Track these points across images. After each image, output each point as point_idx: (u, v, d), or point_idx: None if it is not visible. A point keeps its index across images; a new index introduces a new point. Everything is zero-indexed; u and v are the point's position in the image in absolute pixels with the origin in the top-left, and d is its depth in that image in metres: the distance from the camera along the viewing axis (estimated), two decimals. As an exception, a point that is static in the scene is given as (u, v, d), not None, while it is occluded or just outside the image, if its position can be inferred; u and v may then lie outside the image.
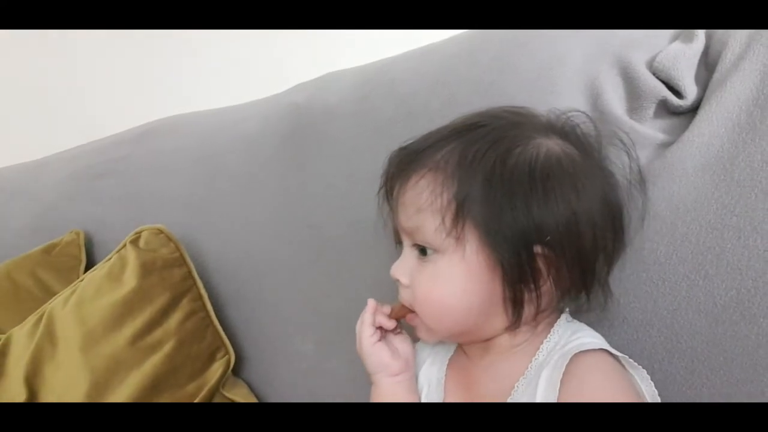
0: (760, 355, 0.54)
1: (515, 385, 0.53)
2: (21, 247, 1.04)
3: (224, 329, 0.87)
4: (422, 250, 0.54)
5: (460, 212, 0.51)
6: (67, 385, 0.81)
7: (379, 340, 0.61)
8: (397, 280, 0.57)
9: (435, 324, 0.55)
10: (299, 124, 0.88)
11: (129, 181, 1.04)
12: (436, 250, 0.53)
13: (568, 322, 0.57)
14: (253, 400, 0.86)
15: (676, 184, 0.59)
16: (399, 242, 0.59)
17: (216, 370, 0.84)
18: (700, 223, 0.58)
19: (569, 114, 0.58)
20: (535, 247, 0.51)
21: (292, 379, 0.84)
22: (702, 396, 0.57)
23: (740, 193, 0.56)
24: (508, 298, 0.52)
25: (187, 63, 1.45)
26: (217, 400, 0.84)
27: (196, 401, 0.81)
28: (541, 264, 0.51)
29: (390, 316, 0.60)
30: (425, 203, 0.53)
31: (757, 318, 0.54)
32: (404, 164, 0.56)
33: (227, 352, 0.86)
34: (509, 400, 0.52)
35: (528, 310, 0.53)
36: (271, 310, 0.87)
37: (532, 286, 0.52)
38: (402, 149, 0.58)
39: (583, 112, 0.59)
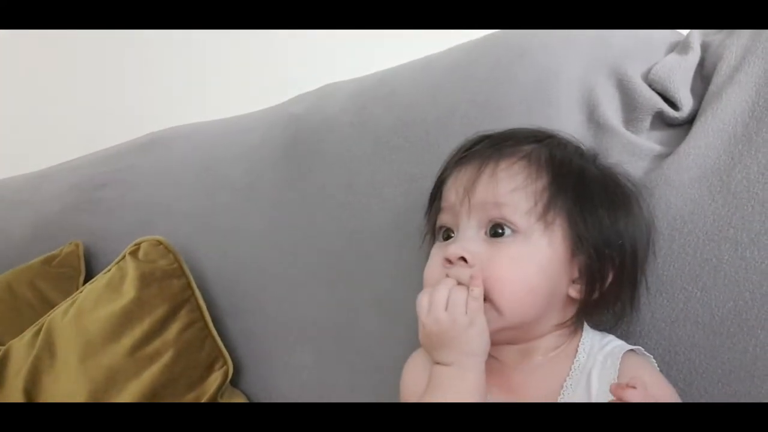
0: (758, 367, 0.54)
1: (563, 385, 0.54)
2: (21, 258, 1.04)
3: (223, 340, 0.87)
4: (495, 233, 0.54)
5: (554, 200, 0.54)
6: (66, 395, 0.81)
7: None
8: (461, 259, 0.54)
9: (512, 305, 0.53)
10: (298, 135, 0.88)
11: (129, 192, 1.04)
12: (518, 232, 0.53)
13: (592, 329, 0.58)
14: (252, 411, 0.86)
15: (672, 196, 0.60)
16: (441, 228, 0.58)
17: (214, 380, 0.84)
18: (697, 235, 0.58)
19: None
20: (608, 250, 0.55)
21: (291, 390, 0.84)
22: (700, 408, 0.57)
23: (737, 204, 0.56)
24: (581, 291, 0.55)
25: (188, 65, 1.45)
26: (215, 411, 0.84)
27: (194, 412, 0.81)
28: (608, 266, 0.55)
29: None
30: (521, 184, 0.54)
31: (755, 330, 0.54)
32: (493, 145, 0.57)
33: (225, 363, 0.86)
34: (560, 401, 0.53)
35: (586, 308, 0.56)
36: (269, 321, 0.87)
37: (599, 285, 0.55)
38: (483, 136, 0.60)
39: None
